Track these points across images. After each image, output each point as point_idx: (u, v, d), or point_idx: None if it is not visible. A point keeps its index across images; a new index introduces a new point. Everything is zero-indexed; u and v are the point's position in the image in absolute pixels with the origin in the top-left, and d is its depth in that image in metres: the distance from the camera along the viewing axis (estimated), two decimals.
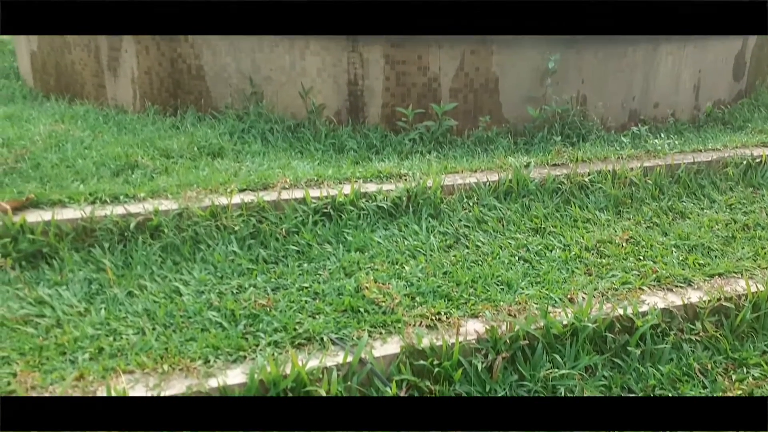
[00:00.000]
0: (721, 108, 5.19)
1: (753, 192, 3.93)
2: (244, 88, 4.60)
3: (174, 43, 4.62)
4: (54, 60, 5.25)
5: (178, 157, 3.87)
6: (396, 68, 4.47)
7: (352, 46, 4.42)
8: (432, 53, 4.44)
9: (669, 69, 4.83)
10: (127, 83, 4.87)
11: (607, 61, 4.64)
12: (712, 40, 4.99)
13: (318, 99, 4.55)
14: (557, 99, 4.56)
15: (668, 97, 4.93)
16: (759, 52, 5.41)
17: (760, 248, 3.24)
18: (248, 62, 4.55)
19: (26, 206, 3.02)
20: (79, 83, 5.13)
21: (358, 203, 3.36)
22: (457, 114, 4.52)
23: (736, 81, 5.32)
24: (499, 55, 4.49)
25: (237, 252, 2.97)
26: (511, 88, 4.57)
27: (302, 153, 4.20)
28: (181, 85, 4.71)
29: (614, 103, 4.75)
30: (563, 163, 3.98)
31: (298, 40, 4.44)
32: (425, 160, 4.09)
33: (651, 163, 3.99)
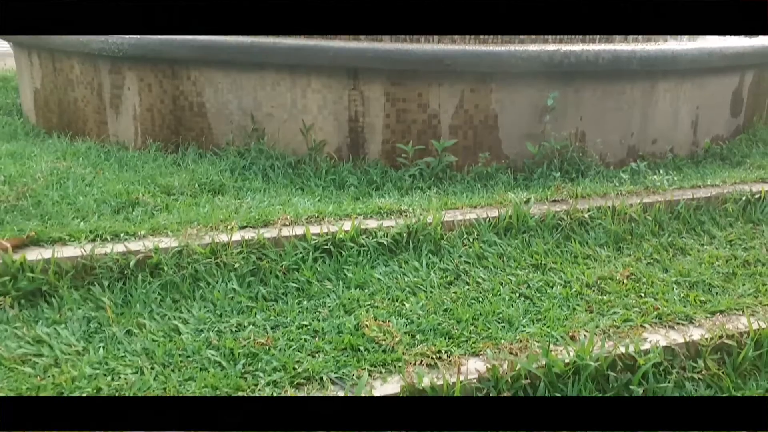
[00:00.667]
0: (719, 144, 5.22)
1: (753, 228, 3.94)
2: (245, 125, 4.64)
3: (176, 81, 4.67)
4: (57, 97, 5.30)
5: (179, 194, 3.89)
6: (396, 105, 4.51)
7: (353, 84, 4.46)
8: (432, 91, 4.48)
9: (667, 106, 4.87)
10: (128, 120, 4.91)
11: (605, 98, 4.68)
12: (709, 77, 5.04)
13: (319, 136, 4.58)
14: (556, 135, 4.59)
15: (666, 134, 4.96)
16: (756, 88, 5.46)
17: (761, 285, 3.23)
18: (250, 99, 4.59)
19: (27, 244, 3.03)
20: (81, 120, 5.17)
21: (359, 240, 3.36)
22: (457, 150, 4.54)
23: (733, 117, 5.36)
24: (498, 92, 4.53)
25: (236, 289, 2.96)
26: (510, 124, 4.60)
27: (303, 189, 4.22)
28: (182, 122, 4.75)
29: (613, 140, 4.78)
30: (563, 199, 3.99)
31: (299, 78, 4.49)
32: (425, 195, 4.11)
33: (650, 199, 4.00)
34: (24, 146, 4.83)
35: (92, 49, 4.80)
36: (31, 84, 5.58)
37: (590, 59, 4.46)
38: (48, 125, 5.45)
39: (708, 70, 4.99)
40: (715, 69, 5.03)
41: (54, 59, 5.22)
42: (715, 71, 5.05)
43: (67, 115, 5.26)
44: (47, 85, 5.37)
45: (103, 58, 4.84)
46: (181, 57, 4.62)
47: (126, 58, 4.73)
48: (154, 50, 4.66)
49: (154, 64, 4.69)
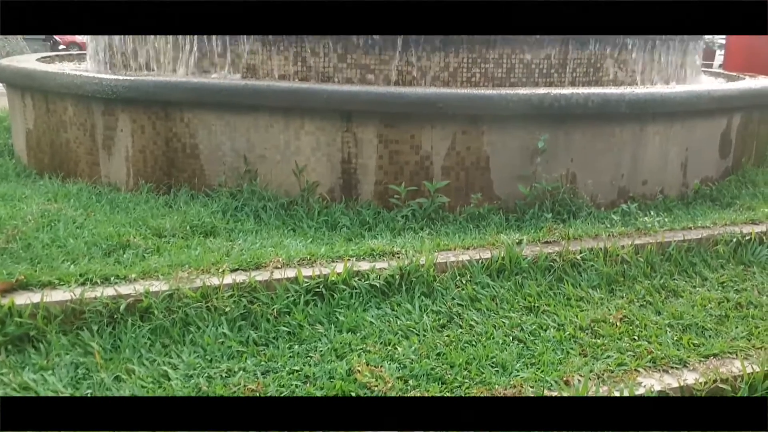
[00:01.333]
0: (708, 185, 5.26)
1: (744, 270, 3.94)
2: (238, 166, 4.65)
3: (170, 123, 4.69)
4: (49, 138, 5.31)
5: (170, 237, 3.87)
6: (389, 147, 4.54)
7: (346, 126, 4.49)
8: (424, 133, 4.52)
9: (657, 147, 4.92)
10: (121, 161, 4.91)
11: (595, 140, 4.72)
12: (697, 120, 5.10)
13: (312, 177, 4.60)
14: (547, 177, 4.62)
15: (656, 175, 5.00)
16: (744, 130, 5.53)
17: (754, 328, 3.23)
18: (243, 141, 4.61)
19: (15, 288, 3.00)
20: (73, 161, 5.17)
21: (351, 282, 3.34)
22: (449, 191, 4.56)
23: (722, 158, 5.42)
24: (490, 134, 4.57)
25: (227, 334, 2.93)
26: (501, 166, 4.63)
27: (295, 230, 4.21)
28: (175, 164, 4.76)
29: (603, 181, 4.81)
30: (555, 241, 3.99)
31: (293, 121, 4.52)
32: (418, 236, 4.10)
33: (642, 240, 4.01)
34: (15, 188, 4.81)
35: (86, 90, 4.83)
36: (24, 125, 5.59)
37: (580, 102, 4.51)
38: (40, 166, 5.44)
39: (696, 113, 5.05)
40: (704, 111, 5.10)
41: (48, 100, 5.24)
42: (703, 114, 5.12)
43: (59, 156, 5.26)
44: (40, 126, 5.38)
45: (96, 100, 4.86)
46: (174, 99, 4.65)
47: (119, 100, 4.75)
48: (147, 92, 4.69)
49: (147, 106, 4.71)
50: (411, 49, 4.79)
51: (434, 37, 4.76)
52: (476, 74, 4.95)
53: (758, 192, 5.23)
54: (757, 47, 8.24)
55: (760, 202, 4.95)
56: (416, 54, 4.80)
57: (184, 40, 5.01)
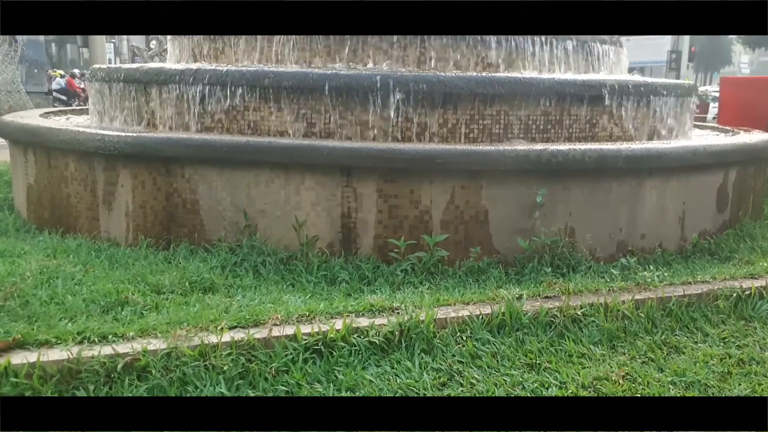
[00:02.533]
0: (707, 239, 5.28)
1: (745, 325, 3.92)
2: (238, 221, 4.66)
3: (170, 179, 4.72)
4: (50, 193, 5.34)
5: (169, 293, 3.85)
6: (389, 201, 4.56)
7: (346, 181, 4.53)
8: (423, 188, 4.55)
9: (654, 202, 4.95)
10: (121, 217, 4.93)
11: (593, 194, 4.75)
12: (694, 174, 5.15)
13: (311, 231, 4.61)
14: (546, 231, 4.63)
15: (655, 229, 5.02)
16: (740, 184, 5.57)
17: (757, 384, 3.19)
18: (243, 196, 4.64)
19: (12, 347, 2.97)
20: (73, 216, 5.18)
21: (350, 339, 3.32)
22: (448, 245, 4.56)
23: (720, 212, 5.44)
24: (489, 189, 4.60)
25: (225, 393, 2.89)
26: (500, 220, 4.65)
27: (294, 285, 4.20)
28: (175, 219, 4.77)
29: (602, 235, 4.83)
30: (555, 296, 3.98)
31: (294, 176, 4.56)
32: (417, 291, 4.09)
33: (642, 295, 4.00)
34: (14, 243, 4.81)
35: (88, 147, 4.88)
36: (25, 180, 5.63)
37: (577, 158, 4.56)
38: (39, 221, 5.45)
39: (693, 168, 5.10)
40: (700, 166, 5.15)
41: (50, 156, 5.28)
42: (699, 168, 5.17)
43: (59, 211, 5.28)
44: (41, 181, 5.41)
45: (98, 156, 4.90)
46: (176, 155, 4.69)
47: (121, 156, 4.80)
48: (149, 149, 4.74)
49: (148, 162, 4.75)
50: (410, 105, 4.86)
51: (433, 94, 4.83)
52: (474, 130, 5.01)
53: (756, 246, 5.24)
54: (751, 101, 8.36)
55: (759, 256, 4.96)
56: (415, 111, 4.86)
57: (188, 97, 5.08)
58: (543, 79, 5.16)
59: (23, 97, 13.59)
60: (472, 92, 4.91)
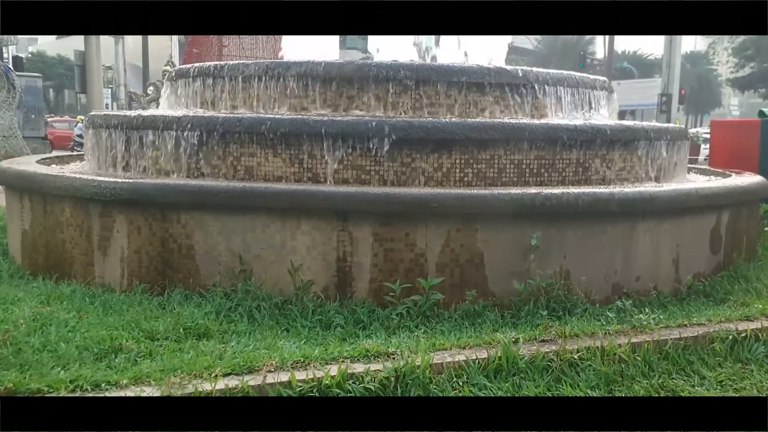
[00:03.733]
0: (701, 280, 5.29)
1: (742, 368, 3.91)
2: (233, 266, 4.66)
3: (166, 224, 4.74)
4: (45, 239, 5.34)
5: (163, 339, 3.83)
6: (384, 245, 4.58)
7: (342, 225, 4.55)
8: (419, 231, 4.57)
9: (648, 244, 4.98)
10: (116, 262, 4.92)
11: (587, 237, 4.78)
12: (687, 217, 5.19)
13: (306, 276, 4.60)
14: (541, 273, 4.64)
15: (649, 271, 5.03)
16: (733, 226, 5.61)
17: None
18: (239, 241, 4.65)
19: (4, 396, 2.94)
20: (67, 262, 5.18)
21: (345, 386, 3.30)
22: (443, 288, 4.56)
23: (713, 254, 5.47)
24: (484, 232, 4.62)
25: None
26: (496, 262, 4.66)
27: (289, 330, 4.18)
28: (170, 264, 4.77)
29: (597, 277, 4.83)
30: (551, 339, 3.97)
31: (290, 221, 4.58)
32: (413, 336, 4.08)
33: (638, 339, 3.99)
34: (7, 290, 4.79)
35: (84, 193, 4.90)
36: (20, 226, 5.63)
37: (570, 201, 4.60)
38: (33, 267, 5.44)
39: (686, 210, 5.15)
40: (693, 209, 5.19)
41: (46, 202, 5.30)
42: (692, 211, 5.21)
43: (54, 257, 5.27)
44: (36, 227, 5.42)
45: (94, 202, 4.92)
46: (172, 201, 4.72)
47: (117, 202, 4.82)
48: (145, 194, 4.76)
49: (144, 207, 4.77)
50: (405, 150, 4.91)
51: (428, 139, 4.89)
52: (469, 174, 5.05)
53: (751, 287, 5.25)
54: (741, 143, 8.46)
55: (754, 298, 4.96)
56: (410, 155, 4.91)
57: (184, 143, 5.12)
58: (536, 124, 5.23)
59: (20, 142, 13.68)
60: (467, 137, 4.96)
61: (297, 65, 5.72)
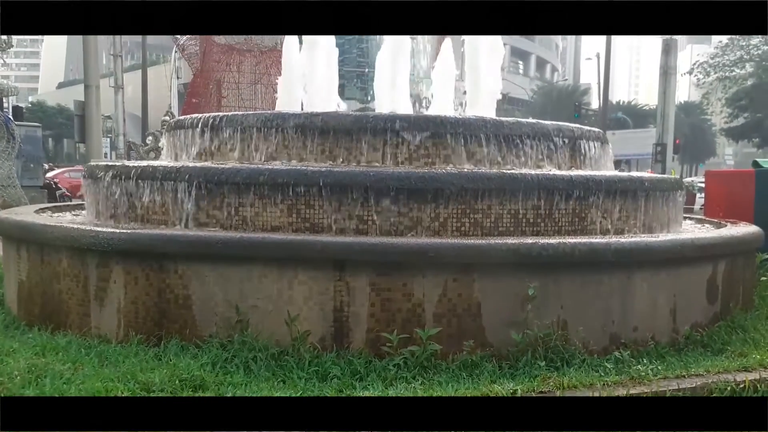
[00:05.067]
0: (699, 331, 5.27)
1: None
2: (230, 316, 4.65)
3: (163, 274, 4.74)
4: (41, 289, 5.32)
5: (158, 391, 3.80)
6: (381, 295, 4.58)
7: (339, 275, 4.56)
8: (416, 281, 4.58)
9: (645, 294, 4.98)
10: (112, 313, 4.91)
11: (584, 287, 4.79)
12: (683, 267, 5.20)
13: (303, 326, 4.59)
14: (539, 324, 4.63)
15: (647, 321, 5.02)
16: (729, 276, 5.63)
17: None
18: (236, 292, 4.65)
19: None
20: (63, 312, 5.16)
21: None
22: (441, 338, 4.55)
23: (710, 304, 5.47)
24: (481, 282, 4.63)
25: None
26: (493, 312, 4.66)
27: (285, 382, 4.15)
28: (166, 315, 4.76)
29: (595, 327, 4.82)
30: (550, 391, 3.95)
31: (287, 271, 4.59)
32: (410, 387, 4.06)
33: (636, 390, 3.96)
34: (2, 341, 4.76)
35: (82, 243, 4.92)
36: (17, 276, 5.62)
37: (567, 251, 4.62)
38: (29, 317, 5.42)
39: (682, 260, 5.16)
40: (689, 259, 5.21)
41: (43, 252, 5.30)
42: (689, 261, 5.23)
43: (50, 307, 5.25)
44: (33, 278, 5.41)
45: (92, 252, 4.93)
46: (170, 252, 4.73)
47: (115, 253, 4.82)
48: (143, 245, 4.78)
49: (142, 258, 4.78)
50: (402, 200, 4.95)
51: (425, 189, 4.94)
52: (466, 224, 5.08)
53: (748, 337, 5.23)
54: (736, 193, 8.53)
55: (752, 348, 4.94)
56: (408, 205, 4.95)
57: (182, 193, 5.16)
58: (532, 174, 5.28)
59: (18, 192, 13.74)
60: (463, 187, 5.01)
61: (295, 117, 5.82)
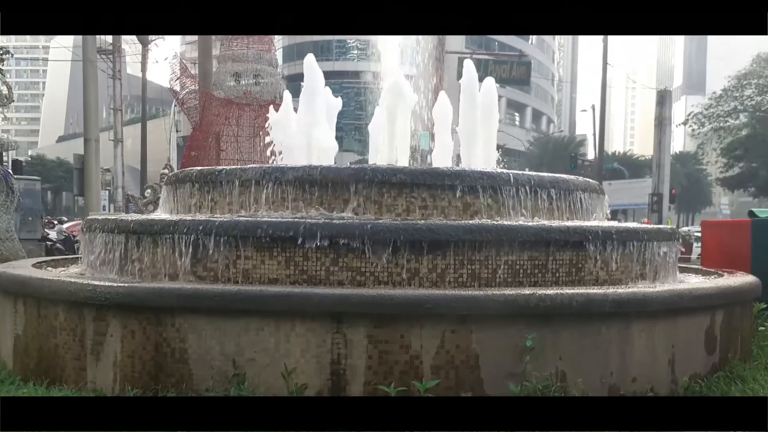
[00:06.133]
0: (698, 381, 5.23)
1: None
2: (226, 369, 4.61)
3: (160, 328, 4.72)
4: (38, 344, 5.29)
5: None
6: (379, 347, 4.56)
7: (336, 327, 4.55)
8: (414, 333, 4.57)
9: (643, 345, 4.97)
10: (108, 367, 4.87)
11: (582, 338, 4.78)
12: (681, 317, 5.20)
13: (300, 379, 4.55)
14: (537, 375, 4.60)
15: (645, 372, 4.99)
16: (727, 326, 5.61)
17: None
18: (233, 345, 4.62)
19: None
20: (59, 366, 5.11)
21: None
22: (438, 391, 4.51)
23: (709, 354, 5.44)
24: (479, 333, 4.62)
25: None
26: (491, 364, 4.63)
27: None
28: (163, 369, 4.72)
29: (593, 378, 4.79)
30: None
31: (284, 324, 4.58)
32: None
33: None
34: None
35: (79, 297, 4.91)
36: (13, 330, 5.59)
37: (564, 302, 4.63)
38: (25, 371, 5.36)
39: (680, 311, 5.16)
40: (687, 309, 5.21)
41: (40, 306, 5.28)
42: (686, 312, 5.22)
43: (46, 362, 5.21)
44: (29, 332, 5.38)
45: (89, 306, 4.91)
46: (167, 305, 4.72)
47: (112, 306, 4.81)
48: (140, 298, 4.78)
49: (139, 311, 4.77)
50: (400, 252, 4.97)
51: (422, 241, 4.97)
52: (463, 275, 5.10)
53: (747, 388, 5.18)
54: (733, 243, 8.57)
55: None
56: (405, 257, 4.98)
57: (180, 246, 5.18)
58: (528, 225, 5.33)
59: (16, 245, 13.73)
60: (461, 238, 5.05)
61: (294, 170, 5.88)
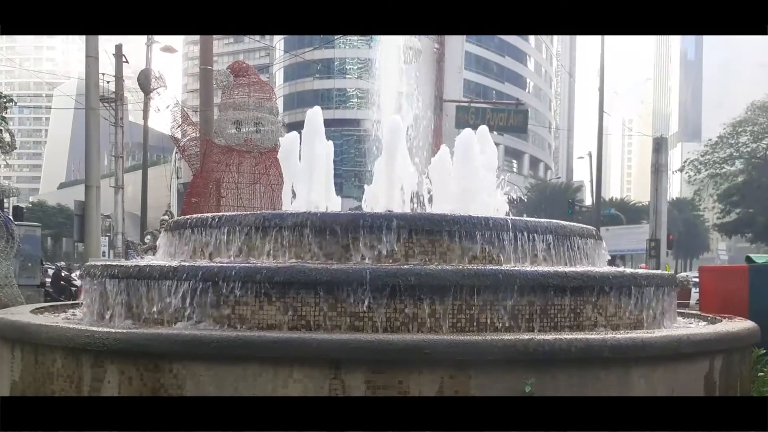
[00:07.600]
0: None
1: None
2: None
3: (158, 374, 4.69)
4: (34, 390, 5.23)
5: None
6: (377, 393, 4.53)
7: (334, 373, 4.53)
8: (412, 378, 4.55)
9: (643, 390, 4.91)
10: None
11: (581, 384, 4.74)
12: (680, 363, 5.17)
13: None
14: None
15: None
16: (726, 372, 5.58)
17: None
18: (230, 390, 4.59)
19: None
20: None
21: None
22: None
23: None
24: (477, 378, 4.60)
25: None
26: None
27: None
28: None
29: None
30: None
31: (282, 369, 4.56)
32: None
33: None
34: None
35: (77, 343, 4.89)
36: (10, 377, 5.54)
37: (563, 348, 4.62)
38: None
39: (679, 356, 5.14)
40: (686, 355, 5.18)
41: (37, 352, 5.25)
42: (685, 357, 5.20)
43: None
44: (26, 378, 5.34)
45: (86, 352, 4.89)
46: (165, 351, 4.70)
47: (109, 352, 4.79)
48: (138, 344, 4.76)
49: (137, 357, 4.74)
50: (398, 297, 4.98)
51: (421, 286, 4.98)
52: (462, 320, 5.10)
53: None
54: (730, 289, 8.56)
55: None
56: (403, 302, 4.98)
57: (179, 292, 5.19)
58: (527, 271, 5.35)
59: (15, 291, 13.68)
60: (459, 284, 5.06)
61: (293, 216, 5.92)
